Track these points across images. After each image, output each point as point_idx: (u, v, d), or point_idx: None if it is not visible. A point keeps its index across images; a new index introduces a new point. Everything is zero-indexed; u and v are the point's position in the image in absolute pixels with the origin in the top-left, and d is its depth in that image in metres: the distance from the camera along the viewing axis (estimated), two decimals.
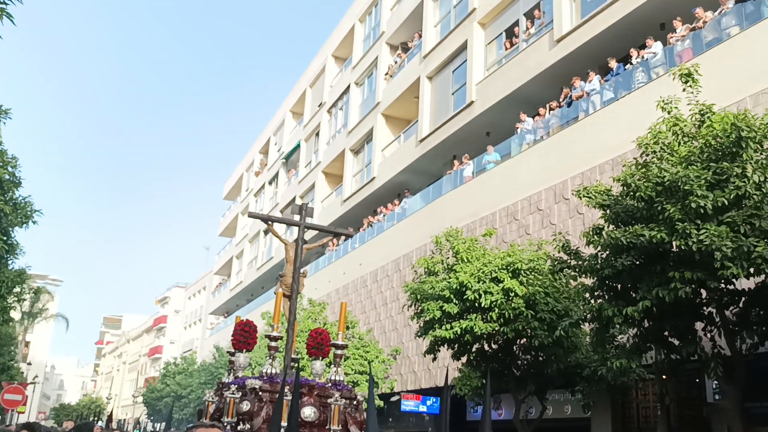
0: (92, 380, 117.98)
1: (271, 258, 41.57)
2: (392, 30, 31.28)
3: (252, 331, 8.86)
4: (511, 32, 22.76)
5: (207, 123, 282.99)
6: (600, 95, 17.68)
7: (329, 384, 8.55)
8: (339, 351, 9.00)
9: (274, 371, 8.68)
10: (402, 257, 24.97)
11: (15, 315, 36.38)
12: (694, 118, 10.07)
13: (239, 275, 50.77)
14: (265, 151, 50.01)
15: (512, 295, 13.01)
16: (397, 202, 27.94)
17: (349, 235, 28.73)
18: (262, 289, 43.71)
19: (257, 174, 50.51)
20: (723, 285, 9.57)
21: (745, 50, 13.75)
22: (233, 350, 9.06)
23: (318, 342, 8.94)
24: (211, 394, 9.05)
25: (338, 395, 8.34)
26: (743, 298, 10.04)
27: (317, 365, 8.96)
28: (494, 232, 15.50)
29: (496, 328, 13.24)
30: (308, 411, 8.06)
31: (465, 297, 13.14)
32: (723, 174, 8.92)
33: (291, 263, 9.36)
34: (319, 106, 39.14)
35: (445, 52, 25.97)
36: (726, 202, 8.72)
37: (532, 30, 21.48)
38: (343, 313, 9.20)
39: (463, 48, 24.83)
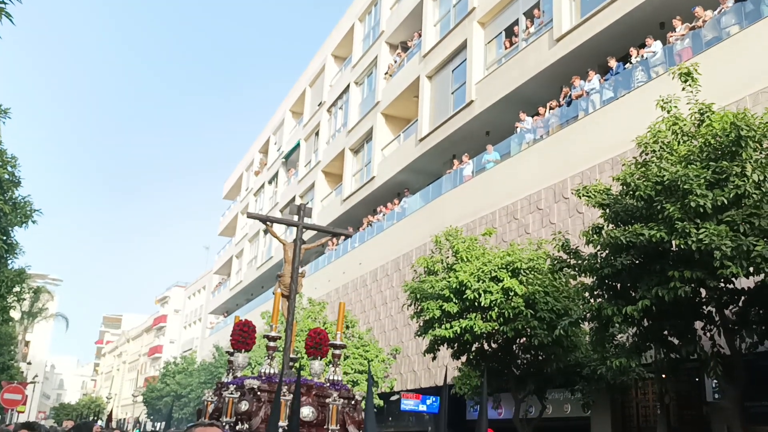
0: (92, 380, 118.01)
1: (271, 257, 41.57)
2: (392, 29, 31.27)
3: (250, 332, 8.85)
4: (511, 31, 22.75)
5: (207, 122, 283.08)
6: (599, 94, 17.68)
7: (327, 384, 8.54)
8: (337, 351, 9.01)
9: (273, 371, 8.67)
10: (402, 256, 24.97)
11: (15, 314, 36.36)
12: (694, 118, 10.07)
13: (239, 275, 50.78)
14: (265, 151, 50.01)
15: (512, 295, 13.01)
16: (397, 202, 27.93)
17: (348, 236, 28.77)
18: (262, 289, 43.72)
19: (257, 173, 50.50)
20: (722, 284, 9.56)
21: (745, 49, 13.75)
22: (232, 350, 9.04)
23: (316, 342, 8.94)
24: (210, 394, 9.04)
25: (336, 395, 8.34)
26: (743, 297, 10.04)
27: (316, 365, 8.96)
28: (494, 232, 15.49)
29: (496, 328, 13.24)
30: (306, 411, 8.05)
31: (465, 296, 13.14)
32: (722, 173, 8.92)
33: (289, 263, 9.36)
34: (319, 106, 39.12)
35: (445, 52, 25.96)
36: (725, 201, 8.72)
37: (532, 29, 21.47)
38: (342, 313, 9.20)
39: (463, 47, 24.82)
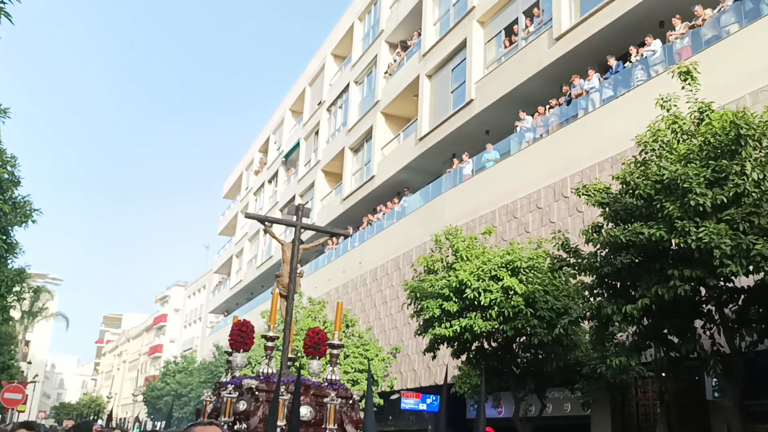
0: (92, 379, 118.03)
1: (271, 257, 41.56)
2: (391, 28, 31.27)
3: (249, 331, 8.87)
4: (511, 30, 22.75)
5: (207, 122, 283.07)
6: (599, 93, 17.67)
7: (325, 383, 8.57)
8: (335, 351, 9.04)
9: (271, 371, 8.70)
10: (401, 255, 24.96)
11: (15, 314, 36.37)
12: (693, 116, 10.07)
13: (239, 274, 50.78)
14: (265, 150, 50.00)
15: (512, 294, 13.00)
16: (397, 201, 27.93)
17: (346, 236, 28.76)
18: (262, 288, 43.72)
19: (257, 173, 50.50)
20: (722, 283, 9.55)
21: (744, 48, 13.74)
22: (230, 350, 9.06)
23: (315, 342, 8.98)
24: (209, 394, 9.06)
25: (334, 394, 8.36)
26: (742, 296, 10.04)
27: (314, 365, 9.00)
28: (494, 231, 15.49)
29: (496, 326, 13.24)
30: (304, 410, 8.08)
31: (464, 295, 13.14)
32: (722, 172, 8.92)
33: (287, 263, 9.37)
34: (319, 105, 39.11)
35: (445, 51, 25.96)
36: (725, 200, 8.72)
37: (531, 28, 21.46)
38: (340, 313, 9.26)
39: (463, 46, 24.82)
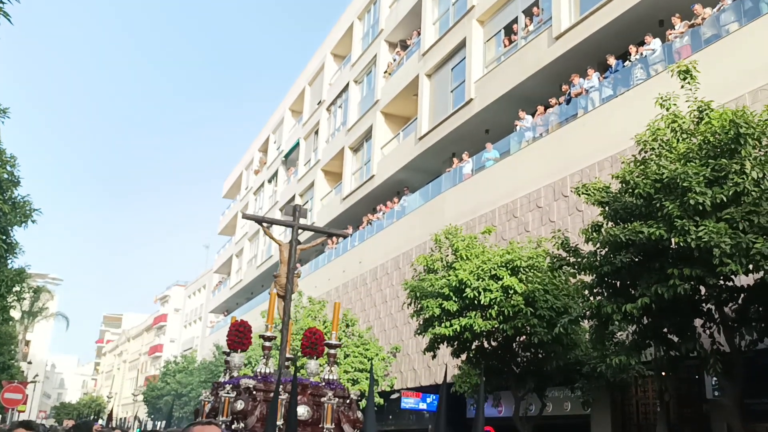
0: (93, 379, 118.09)
1: (271, 256, 41.56)
2: (391, 27, 31.26)
3: (246, 332, 8.93)
4: (510, 29, 22.75)
5: (206, 121, 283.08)
6: (599, 92, 17.68)
7: (323, 383, 8.62)
8: (332, 350, 9.11)
9: (269, 370, 8.74)
10: (401, 255, 24.97)
11: (15, 314, 36.38)
12: (693, 115, 10.07)
13: (239, 274, 50.79)
14: (265, 150, 50.00)
15: (511, 293, 13.00)
16: (397, 200, 27.93)
17: (344, 236, 28.73)
18: (262, 288, 43.73)
19: (256, 172, 50.50)
20: (722, 282, 9.55)
21: (744, 47, 13.74)
22: (228, 350, 9.10)
23: (312, 342, 9.07)
24: (207, 394, 9.11)
25: (331, 394, 8.41)
26: (742, 295, 10.04)
27: (312, 364, 9.09)
28: (493, 230, 15.49)
29: (496, 326, 13.24)
30: (301, 410, 8.15)
31: (464, 294, 13.14)
32: (721, 171, 8.91)
33: (285, 264, 9.40)
34: (318, 104, 39.11)
35: (444, 50, 25.96)
36: (724, 199, 8.71)
37: (531, 27, 21.46)
38: (337, 313, 9.32)
39: (462, 45, 24.82)
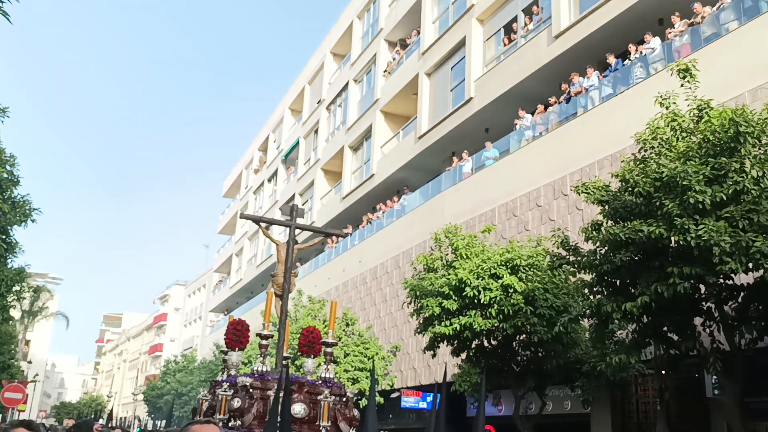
0: (93, 378, 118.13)
1: (271, 255, 41.55)
2: (390, 26, 31.25)
3: (244, 330, 8.97)
4: (510, 28, 22.74)
5: (206, 121, 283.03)
6: (598, 91, 17.67)
7: (320, 381, 8.67)
8: (329, 349, 9.18)
9: (266, 369, 8.80)
10: (401, 254, 24.97)
11: (15, 313, 36.36)
12: (693, 114, 10.07)
13: (239, 273, 50.79)
14: (264, 149, 49.99)
15: (511, 292, 13.01)
16: (396, 199, 27.93)
17: (341, 236, 28.71)
18: (262, 287, 43.74)
19: (256, 171, 50.49)
20: (722, 280, 9.56)
21: (744, 45, 13.74)
22: (226, 349, 9.15)
23: (309, 340, 9.18)
24: (205, 392, 9.16)
25: (328, 392, 8.47)
26: (742, 293, 10.05)
27: (309, 363, 9.19)
28: (493, 229, 15.49)
29: (496, 325, 13.25)
30: (298, 408, 8.22)
31: (464, 293, 13.15)
32: (721, 169, 8.92)
33: (282, 263, 9.43)
34: (318, 104, 39.10)
35: (444, 49, 25.94)
36: (724, 198, 8.71)
37: (531, 26, 21.45)
38: (333, 312, 9.42)
39: (462, 44, 24.81)
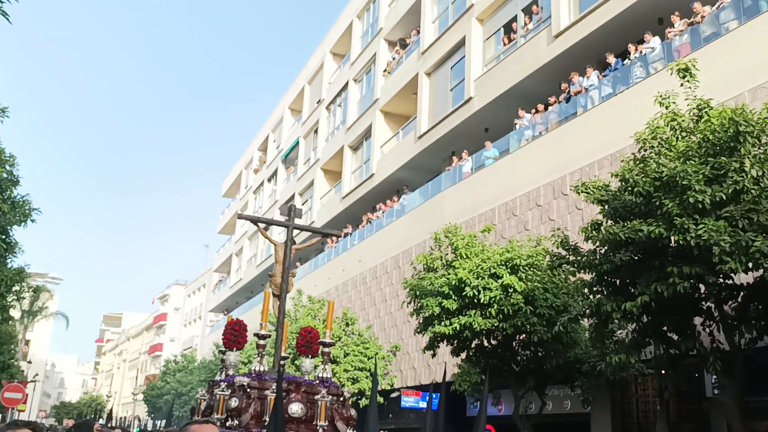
0: (93, 378, 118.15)
1: (270, 255, 41.54)
2: (390, 26, 31.25)
3: (242, 330, 8.98)
4: (509, 28, 22.74)
5: (206, 121, 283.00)
6: (598, 91, 17.67)
7: (317, 381, 8.70)
8: (326, 349, 9.22)
9: (263, 368, 8.83)
10: (401, 254, 24.97)
11: (15, 313, 36.34)
12: (692, 113, 10.07)
13: (239, 272, 50.79)
14: (264, 149, 49.98)
15: (511, 291, 13.00)
16: (396, 199, 27.93)
17: (338, 236, 28.75)
18: (262, 287, 43.72)
19: (256, 171, 50.48)
20: (721, 280, 9.56)
21: (743, 45, 13.74)
22: (224, 349, 9.16)
23: (307, 340, 9.20)
24: (204, 392, 9.19)
25: (325, 392, 8.50)
26: (742, 293, 10.05)
27: (306, 363, 9.23)
28: (493, 228, 15.49)
29: (495, 324, 13.25)
30: (295, 407, 8.23)
31: (464, 293, 13.14)
32: (721, 169, 8.91)
33: (280, 264, 9.43)
34: (318, 103, 39.09)
35: (444, 48, 25.94)
36: (724, 197, 8.71)
37: (530, 25, 21.45)
38: (331, 312, 9.48)
39: (462, 44, 24.81)
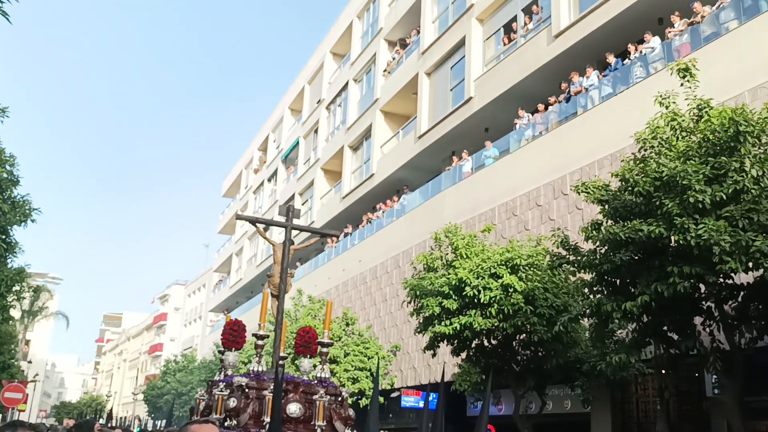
0: (93, 378, 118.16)
1: (271, 255, 41.45)
2: (390, 26, 31.25)
3: (241, 330, 8.98)
4: (509, 28, 22.74)
5: (206, 121, 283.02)
6: (598, 90, 17.67)
7: (315, 381, 8.72)
8: (325, 349, 9.22)
9: (261, 368, 8.84)
10: (401, 253, 24.97)
11: (15, 313, 36.36)
12: (692, 113, 10.07)
13: (239, 272, 50.79)
14: (264, 149, 49.99)
15: (511, 291, 13.01)
16: (396, 199, 27.93)
17: (337, 236, 28.77)
18: (262, 287, 43.70)
19: (256, 171, 50.49)
20: (721, 279, 9.56)
21: (743, 45, 13.74)
22: (223, 349, 9.17)
23: (305, 340, 9.21)
24: (203, 392, 9.20)
25: (323, 392, 8.51)
26: (742, 293, 10.05)
27: (305, 363, 9.23)
28: (493, 228, 15.50)
29: (496, 324, 13.25)
30: (293, 407, 8.24)
31: (464, 293, 13.15)
32: (721, 168, 8.92)
33: (279, 264, 9.44)
34: (318, 103, 39.09)
35: (444, 48, 25.94)
36: (724, 197, 8.71)
37: (530, 25, 21.45)
38: (329, 312, 9.47)
39: (462, 44, 24.81)
